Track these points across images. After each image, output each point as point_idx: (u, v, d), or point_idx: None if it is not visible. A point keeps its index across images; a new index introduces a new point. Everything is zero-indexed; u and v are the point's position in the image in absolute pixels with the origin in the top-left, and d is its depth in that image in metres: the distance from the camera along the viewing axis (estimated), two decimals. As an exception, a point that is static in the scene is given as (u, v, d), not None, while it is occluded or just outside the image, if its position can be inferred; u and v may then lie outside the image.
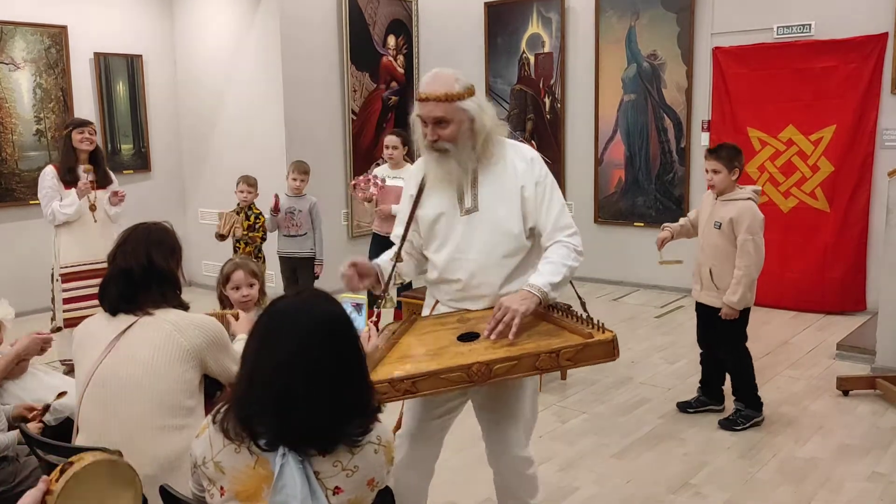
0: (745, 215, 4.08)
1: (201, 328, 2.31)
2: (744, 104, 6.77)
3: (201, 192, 7.78)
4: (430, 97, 2.53)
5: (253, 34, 7.09)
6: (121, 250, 2.38)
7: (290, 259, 5.68)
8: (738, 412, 4.29)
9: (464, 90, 2.54)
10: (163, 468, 2.16)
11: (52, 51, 6.79)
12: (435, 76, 2.59)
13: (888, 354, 4.89)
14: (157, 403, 2.20)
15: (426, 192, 2.68)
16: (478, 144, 2.57)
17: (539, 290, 2.45)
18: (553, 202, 2.60)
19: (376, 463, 1.72)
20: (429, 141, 2.56)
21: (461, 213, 2.61)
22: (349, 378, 1.69)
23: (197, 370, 2.30)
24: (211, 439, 1.72)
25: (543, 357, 2.27)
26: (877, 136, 6.26)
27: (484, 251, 2.59)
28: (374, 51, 7.63)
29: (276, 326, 1.70)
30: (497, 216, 2.59)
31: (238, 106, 7.31)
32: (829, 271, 6.50)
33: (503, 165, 2.61)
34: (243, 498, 1.68)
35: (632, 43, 7.31)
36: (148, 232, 2.43)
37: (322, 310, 1.72)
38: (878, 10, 6.13)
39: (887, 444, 4.02)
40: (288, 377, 1.64)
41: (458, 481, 3.70)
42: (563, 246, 2.55)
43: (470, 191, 2.61)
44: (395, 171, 5.75)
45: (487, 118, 2.57)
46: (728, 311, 4.14)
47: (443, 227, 2.65)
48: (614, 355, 2.32)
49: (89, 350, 2.29)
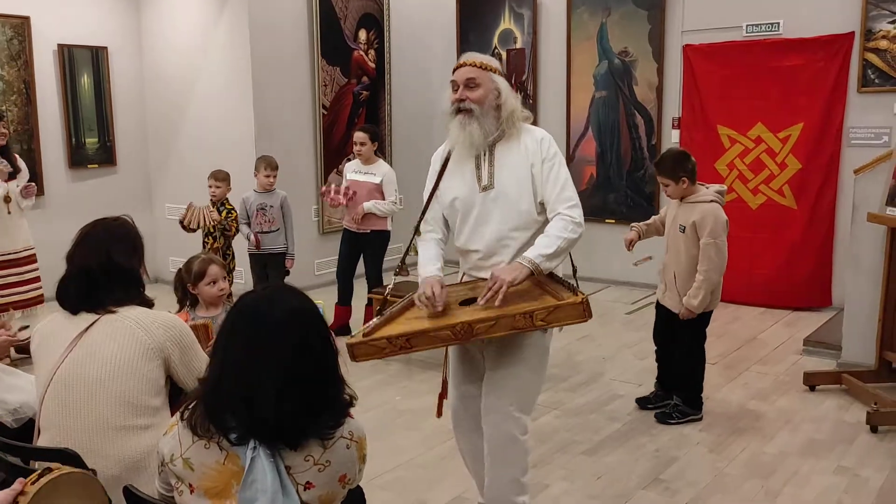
0: (708, 218, 4.06)
1: (165, 326, 2.25)
2: (714, 101, 6.82)
3: (168, 188, 7.66)
4: (466, 62, 2.82)
5: (221, 26, 6.99)
6: (79, 248, 2.30)
7: (262, 255, 5.61)
8: (676, 406, 4.32)
9: (497, 67, 2.85)
10: (127, 469, 2.11)
11: (14, 42, 6.63)
12: (472, 53, 2.89)
13: (853, 350, 4.96)
14: (120, 403, 2.14)
15: (449, 169, 2.92)
16: (502, 117, 2.80)
17: (530, 262, 2.68)
18: (558, 178, 2.80)
19: (348, 459, 1.72)
20: (455, 100, 2.80)
21: (479, 189, 2.84)
22: (318, 372, 1.70)
23: (161, 368, 2.24)
24: (180, 436, 1.71)
25: (518, 317, 2.53)
26: (843, 135, 6.34)
27: (498, 226, 2.83)
28: (346, 45, 7.57)
29: (245, 321, 1.69)
30: (510, 193, 2.81)
31: (206, 99, 7.20)
32: (796, 268, 6.58)
33: (518, 146, 2.83)
34: (213, 494, 1.66)
35: (603, 40, 7.33)
36: (107, 228, 2.36)
37: (290, 304, 1.72)
38: (845, 10, 6.21)
39: (852, 438, 4.07)
40: (257, 371, 1.64)
41: (430, 478, 3.69)
42: (560, 219, 2.76)
43: (487, 169, 2.84)
44: (367, 166, 5.71)
45: (513, 99, 2.83)
46: (686, 312, 4.16)
47: (463, 203, 2.88)
48: (584, 317, 2.55)
49: (50, 349, 2.22)
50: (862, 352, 4.88)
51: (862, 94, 6.21)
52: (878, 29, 6.09)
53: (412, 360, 5.42)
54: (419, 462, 3.85)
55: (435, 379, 5.02)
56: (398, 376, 5.11)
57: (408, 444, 4.02)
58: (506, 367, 2.83)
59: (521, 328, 2.56)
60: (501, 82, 2.82)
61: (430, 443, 4.06)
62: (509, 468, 2.86)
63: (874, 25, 6.10)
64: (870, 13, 6.09)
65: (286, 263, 5.62)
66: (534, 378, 2.89)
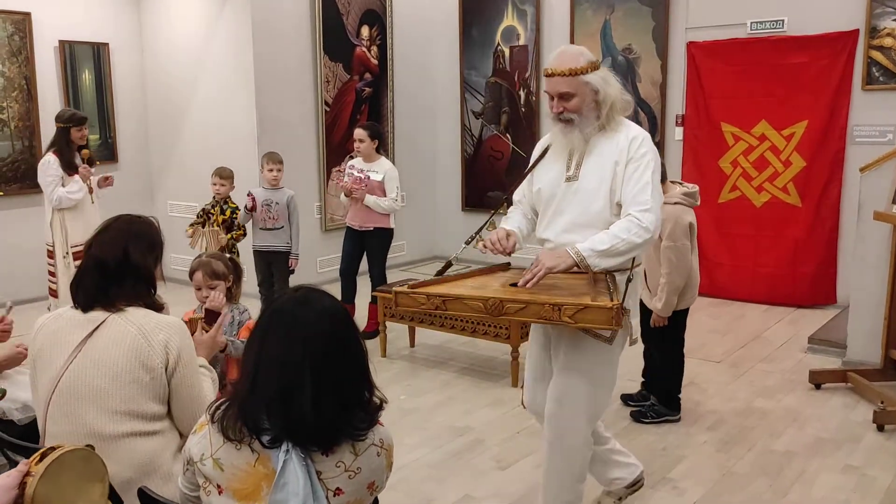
0: (668, 221, 3.92)
1: (168, 333, 2.17)
2: (717, 99, 6.80)
3: (170, 184, 7.63)
4: (554, 72, 2.74)
5: (223, 22, 6.95)
6: (98, 240, 2.25)
7: (266, 253, 5.58)
8: (652, 406, 4.31)
9: (587, 64, 2.73)
10: (138, 472, 2.08)
11: (15, 38, 6.59)
12: (561, 53, 2.78)
13: (859, 348, 4.96)
14: (124, 411, 2.10)
15: (544, 160, 2.93)
16: (602, 115, 2.75)
17: (576, 253, 2.65)
18: (639, 180, 2.71)
19: (378, 466, 1.73)
20: (554, 113, 2.78)
21: (564, 179, 2.83)
22: (352, 370, 1.71)
23: (164, 377, 2.17)
24: (210, 436, 1.70)
25: (547, 307, 2.53)
26: (848, 132, 6.32)
27: (571, 218, 2.81)
28: (348, 41, 7.54)
29: (280, 321, 1.71)
30: (589, 188, 2.78)
31: (208, 95, 7.17)
32: (800, 265, 6.57)
33: (611, 142, 2.77)
34: (241, 496, 1.66)
35: (607, 36, 7.30)
36: (129, 224, 2.31)
37: (323, 304, 1.73)
38: (849, 7, 6.19)
39: (859, 437, 4.07)
40: (293, 374, 1.64)
41: (437, 477, 3.67)
42: (628, 219, 2.69)
43: (576, 160, 2.81)
44: (369, 164, 5.68)
45: (612, 89, 2.75)
46: (655, 317, 4.13)
47: (547, 192, 2.88)
48: (612, 324, 2.47)
49: (53, 354, 2.16)
50: (867, 350, 4.87)
51: (866, 91, 6.19)
52: (883, 27, 6.07)
53: (416, 358, 5.41)
54: (426, 461, 3.84)
55: (439, 377, 5.03)
56: (403, 374, 5.09)
57: (414, 444, 4.00)
58: (567, 375, 2.82)
59: (548, 319, 2.54)
60: (594, 79, 2.72)
61: (437, 442, 4.05)
62: (564, 474, 2.87)
63: (879, 23, 6.08)
64: (874, 11, 6.07)
65: (290, 263, 5.59)
66: (594, 390, 2.84)
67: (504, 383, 4.88)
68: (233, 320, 3.43)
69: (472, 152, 8.38)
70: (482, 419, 4.34)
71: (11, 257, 6.68)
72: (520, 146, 7.92)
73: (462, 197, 8.54)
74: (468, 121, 8.36)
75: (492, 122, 8.16)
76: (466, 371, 5.14)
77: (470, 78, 8.25)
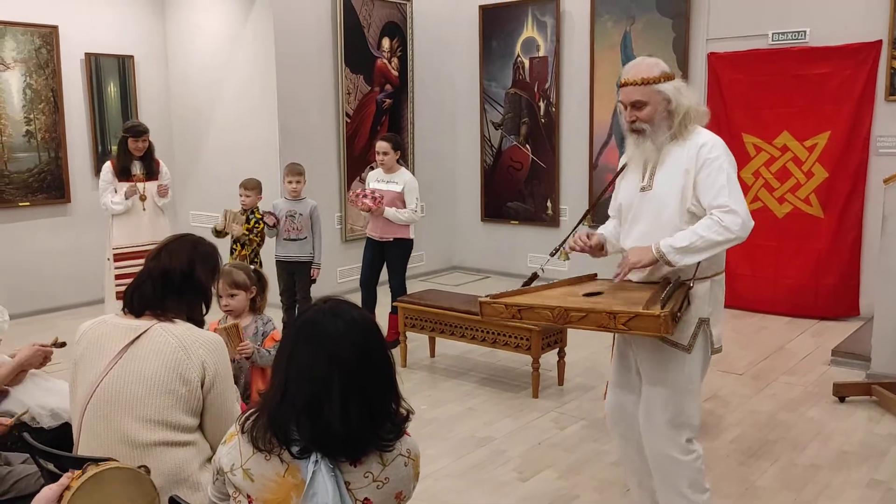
0: None
1: (206, 348, 2.21)
2: (739, 110, 6.78)
3: (193, 195, 7.71)
4: (628, 82, 2.80)
5: (246, 35, 7.04)
6: (166, 250, 2.33)
7: (289, 263, 5.62)
8: None
9: (661, 74, 2.78)
10: (167, 480, 2.11)
11: (42, 51, 6.71)
12: (635, 64, 2.85)
13: (883, 361, 4.90)
14: (157, 420, 2.14)
15: (625, 173, 2.99)
16: (674, 125, 2.79)
17: (657, 249, 2.72)
18: (714, 183, 2.73)
19: (405, 476, 1.74)
20: (627, 122, 2.84)
21: (639, 189, 2.88)
22: (380, 381, 1.73)
23: (200, 390, 2.23)
24: (240, 447, 1.72)
25: (603, 315, 2.59)
26: (871, 143, 6.28)
27: (645, 227, 2.86)
28: (369, 53, 7.60)
29: (309, 332, 1.72)
30: (662, 197, 2.82)
31: (231, 108, 7.25)
32: (823, 277, 6.52)
33: (683, 150, 2.80)
34: None
35: (627, 48, 7.31)
36: (196, 244, 2.40)
37: (352, 314, 1.75)
38: (872, 18, 6.16)
39: (884, 450, 4.02)
40: (321, 384, 1.66)
41: (459, 488, 3.67)
42: (709, 218, 2.71)
43: (651, 170, 2.86)
44: (389, 175, 5.72)
45: (685, 99, 2.79)
46: None
47: (626, 203, 2.95)
48: (661, 332, 2.52)
49: (94, 359, 2.22)
50: (892, 363, 4.82)
51: (890, 102, 6.15)
52: (907, 37, 6.04)
53: (436, 368, 5.42)
54: (447, 472, 3.84)
55: (459, 388, 5.03)
56: (422, 385, 5.11)
57: (436, 454, 4.01)
58: (653, 385, 2.87)
59: (605, 326, 2.60)
60: (668, 88, 2.77)
61: (459, 452, 4.05)
62: (674, 486, 2.88)
63: (902, 33, 6.05)
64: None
65: (312, 273, 5.63)
66: (682, 398, 2.85)
67: (525, 394, 4.88)
68: (257, 331, 3.46)
69: (491, 163, 8.41)
70: (503, 430, 4.34)
71: (39, 266, 6.80)
72: (539, 157, 7.92)
73: (481, 207, 8.55)
74: (488, 132, 8.39)
75: (511, 133, 8.18)
76: (487, 381, 5.14)
77: (490, 89, 8.28)
